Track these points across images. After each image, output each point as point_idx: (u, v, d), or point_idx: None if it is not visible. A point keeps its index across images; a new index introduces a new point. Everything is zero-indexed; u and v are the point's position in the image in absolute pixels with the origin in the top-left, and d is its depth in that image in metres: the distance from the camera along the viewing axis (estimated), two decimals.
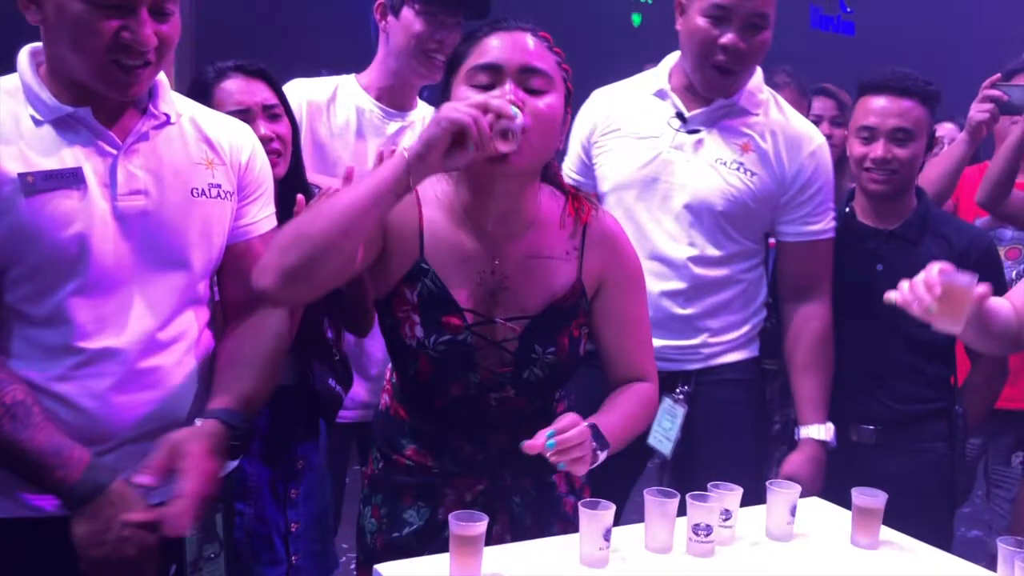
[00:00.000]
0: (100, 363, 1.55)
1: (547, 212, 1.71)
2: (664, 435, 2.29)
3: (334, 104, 2.52)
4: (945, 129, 3.71)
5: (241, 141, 1.74)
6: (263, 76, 2.11)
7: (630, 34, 7.01)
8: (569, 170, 2.50)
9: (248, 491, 2.10)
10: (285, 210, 2.10)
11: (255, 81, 2.08)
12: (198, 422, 1.58)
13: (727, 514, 1.72)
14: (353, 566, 2.21)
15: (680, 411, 2.29)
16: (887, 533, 1.80)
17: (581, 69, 1.83)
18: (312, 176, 2.34)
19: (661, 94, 2.36)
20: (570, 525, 1.76)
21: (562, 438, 1.51)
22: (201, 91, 2.05)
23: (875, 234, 2.41)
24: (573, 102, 1.70)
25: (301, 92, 2.50)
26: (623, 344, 1.78)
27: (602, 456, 1.60)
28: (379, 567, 1.57)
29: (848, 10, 7.76)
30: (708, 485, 1.73)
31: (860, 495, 1.76)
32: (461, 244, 1.66)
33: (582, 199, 1.75)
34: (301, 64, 2.68)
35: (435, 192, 1.68)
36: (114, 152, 1.56)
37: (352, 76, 2.58)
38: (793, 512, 1.77)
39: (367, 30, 2.56)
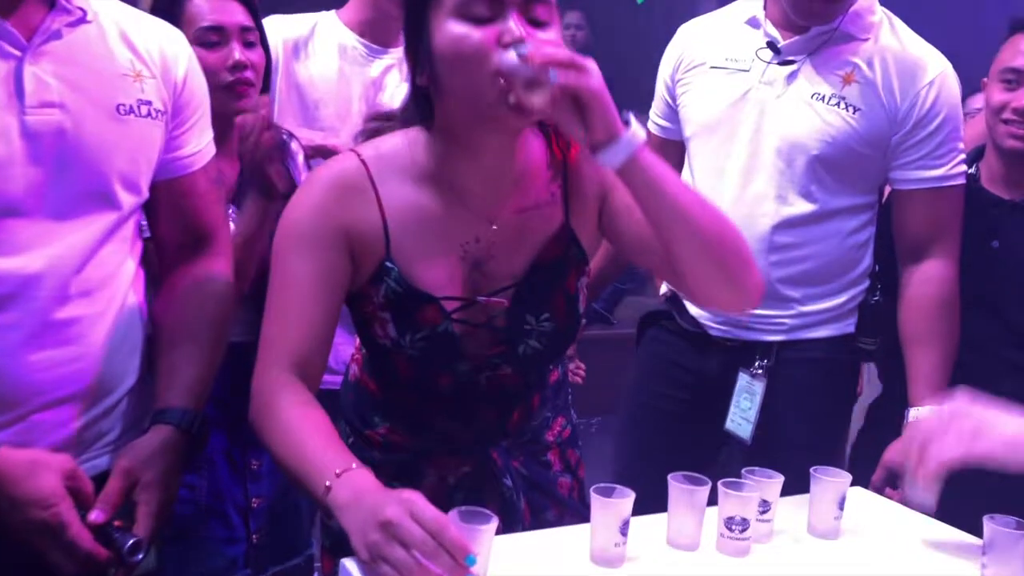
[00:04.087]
0: (7, 311, 1.27)
1: (534, 156, 1.45)
2: (743, 416, 2.03)
3: (313, 42, 2.31)
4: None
5: (175, 50, 1.46)
6: None
7: (634, 10, 6.79)
8: (654, 116, 2.23)
9: (199, 460, 1.85)
10: None
11: (231, 1, 1.86)
12: (151, 428, 1.40)
13: (765, 506, 1.45)
14: None
15: (759, 387, 2.02)
16: (953, 534, 1.53)
17: (584, 44, 1.58)
18: (294, 128, 2.13)
19: (754, 22, 2.06)
20: (566, 509, 1.55)
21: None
22: (167, 8, 1.81)
23: (998, 203, 2.05)
24: None
25: (276, 30, 2.30)
26: None
27: (629, 136, 1.25)
28: (347, 562, 1.29)
29: None
30: (743, 471, 1.46)
31: None
32: (437, 219, 1.39)
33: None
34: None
35: (397, 163, 1.40)
36: (18, 54, 1.27)
37: (332, 12, 2.37)
38: (841, 505, 1.50)
39: None
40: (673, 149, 2.19)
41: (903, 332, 2.01)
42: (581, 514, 1.51)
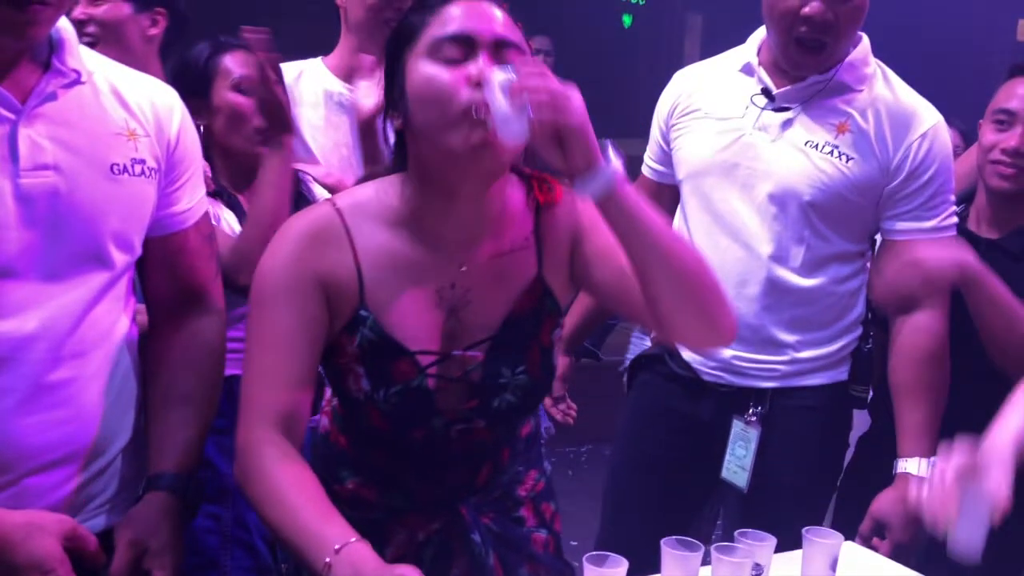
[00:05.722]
0: (0, 375, 1.26)
1: (512, 201, 1.45)
2: (738, 464, 2.01)
3: (298, 89, 2.33)
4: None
5: (168, 106, 1.45)
6: None
7: (621, 35, 6.82)
8: (649, 160, 2.24)
9: (224, 492, 1.89)
10: None
11: (254, 57, 1.99)
12: (147, 495, 1.40)
13: (758, 569, 1.45)
14: None
15: (754, 434, 2.01)
16: None
17: (571, 71, 1.70)
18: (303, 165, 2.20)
19: (748, 69, 2.06)
20: (540, 566, 1.52)
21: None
22: (195, 68, 2.00)
23: (976, 242, 2.03)
24: None
25: None
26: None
27: (608, 168, 1.24)
28: None
29: None
30: (736, 534, 1.46)
31: None
32: (411, 265, 1.39)
33: (549, 179, 1.47)
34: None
35: (371, 210, 1.40)
36: (12, 117, 1.26)
37: (318, 59, 2.41)
38: (834, 567, 1.50)
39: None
40: (667, 193, 2.19)
41: (892, 382, 2.01)
42: (557, 569, 1.50)
